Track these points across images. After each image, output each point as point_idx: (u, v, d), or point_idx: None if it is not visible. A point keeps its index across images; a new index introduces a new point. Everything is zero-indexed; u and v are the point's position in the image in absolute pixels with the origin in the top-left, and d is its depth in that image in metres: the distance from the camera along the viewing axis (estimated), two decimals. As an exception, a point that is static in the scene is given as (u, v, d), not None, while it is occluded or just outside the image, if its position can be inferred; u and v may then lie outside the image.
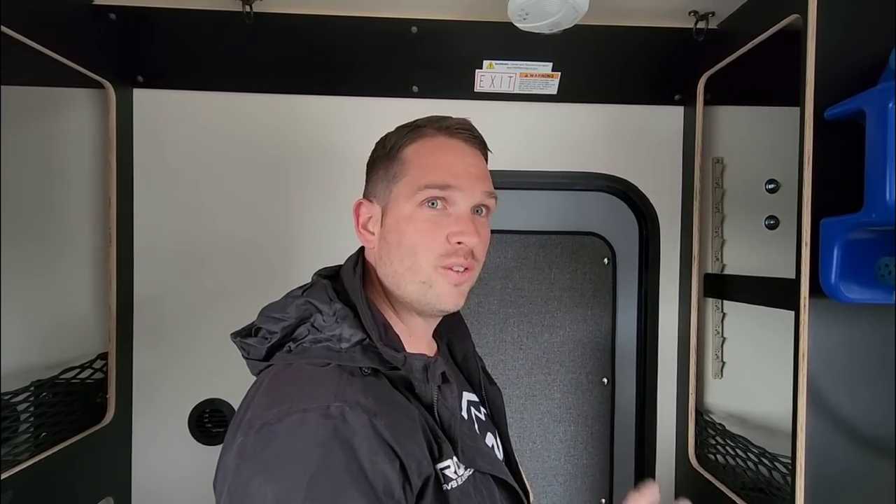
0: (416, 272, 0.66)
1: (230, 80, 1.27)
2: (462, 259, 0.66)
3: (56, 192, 1.26)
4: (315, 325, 0.63)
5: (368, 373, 0.61)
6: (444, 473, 0.60)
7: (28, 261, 1.25)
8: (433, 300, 0.67)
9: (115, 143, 1.21)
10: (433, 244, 0.66)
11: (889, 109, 0.72)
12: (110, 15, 1.15)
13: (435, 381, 0.62)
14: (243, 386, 1.35)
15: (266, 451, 0.52)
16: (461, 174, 0.67)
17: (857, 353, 0.86)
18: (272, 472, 0.51)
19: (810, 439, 0.86)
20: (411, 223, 0.66)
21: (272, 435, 0.53)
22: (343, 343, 0.62)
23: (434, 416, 0.62)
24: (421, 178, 0.66)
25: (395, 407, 0.59)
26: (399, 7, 1.16)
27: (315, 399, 0.55)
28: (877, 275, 0.76)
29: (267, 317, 0.66)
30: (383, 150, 0.72)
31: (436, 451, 0.60)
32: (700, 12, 1.16)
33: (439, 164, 0.67)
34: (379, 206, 0.70)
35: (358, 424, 0.54)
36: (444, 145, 0.69)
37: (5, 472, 0.96)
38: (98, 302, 1.26)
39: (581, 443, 1.40)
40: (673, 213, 1.34)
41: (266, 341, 0.65)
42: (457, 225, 0.66)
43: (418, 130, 0.70)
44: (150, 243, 1.29)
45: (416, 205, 0.66)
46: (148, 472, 1.30)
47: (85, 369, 1.21)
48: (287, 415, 0.54)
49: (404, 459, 0.55)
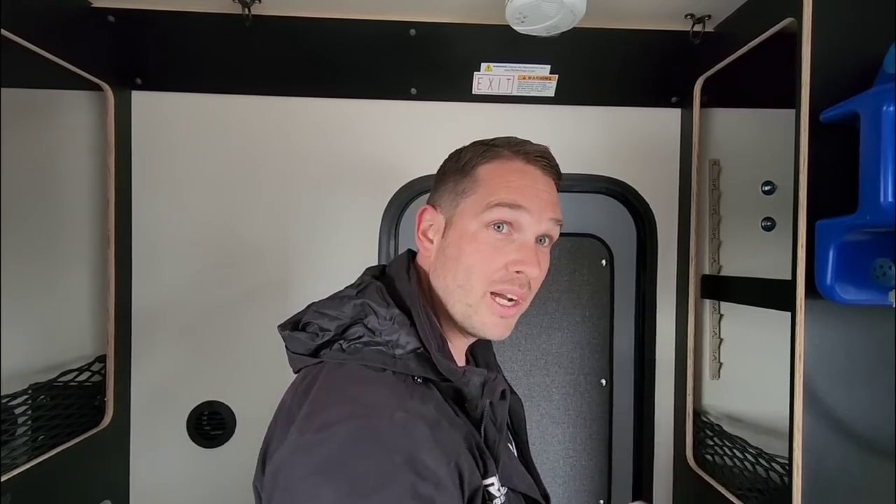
0: (467, 293, 0.66)
1: (229, 83, 1.28)
2: (517, 288, 0.65)
3: (55, 195, 1.26)
4: (369, 326, 0.62)
5: (420, 382, 0.61)
6: (489, 491, 0.59)
7: (27, 263, 1.25)
8: (477, 326, 0.66)
9: (114, 145, 1.21)
10: (490, 269, 0.65)
11: (883, 112, 0.73)
12: (109, 17, 1.15)
13: (492, 397, 0.61)
14: (243, 388, 1.35)
15: (326, 453, 0.51)
16: (532, 197, 0.65)
17: (853, 353, 0.87)
18: (331, 475, 0.50)
19: (807, 439, 0.86)
20: (473, 242, 0.65)
21: (333, 436, 0.52)
22: (398, 350, 0.61)
23: (480, 431, 0.61)
24: (491, 196, 0.65)
25: (450, 420, 0.59)
26: (397, 10, 1.17)
27: (378, 406, 0.54)
28: (872, 276, 0.77)
29: (320, 313, 0.64)
30: (456, 164, 0.70)
31: (481, 466, 0.59)
32: (696, 15, 1.17)
33: (512, 185, 0.66)
34: (443, 217, 0.69)
35: (421, 436, 0.53)
36: (520, 170, 0.67)
37: (4, 475, 0.95)
38: (96, 304, 1.26)
39: (580, 444, 1.40)
40: (670, 215, 1.35)
41: (317, 338, 0.63)
42: (519, 253, 0.65)
43: (495, 151, 0.68)
44: (149, 246, 1.29)
45: (483, 225, 0.65)
46: (146, 474, 1.30)
47: (83, 372, 1.21)
48: (350, 418, 0.53)
49: (461, 467, 0.55)
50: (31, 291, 1.25)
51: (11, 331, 1.21)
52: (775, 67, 1.00)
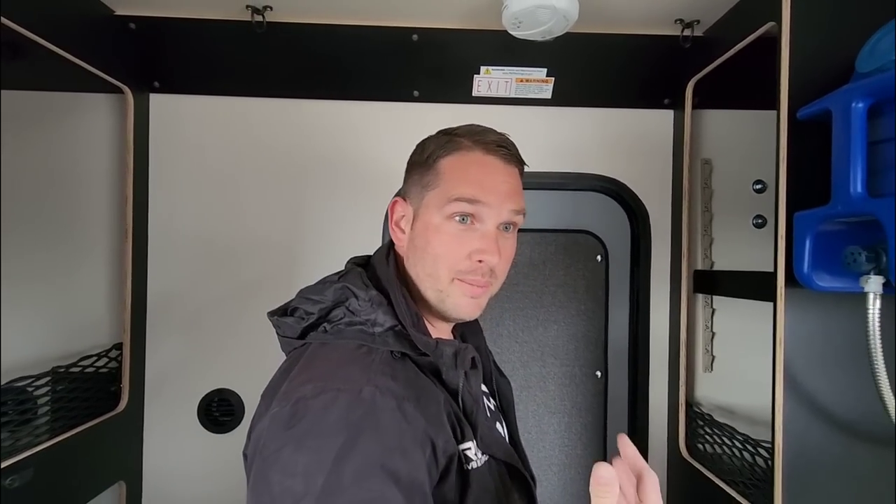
0: (435, 280, 0.70)
1: (241, 86, 1.35)
2: (479, 277, 0.69)
3: (77, 191, 1.34)
4: (350, 308, 0.66)
5: (398, 357, 0.65)
6: (466, 454, 0.63)
7: (49, 255, 1.32)
8: (450, 308, 0.71)
9: (133, 144, 1.28)
10: (454, 258, 0.69)
11: (852, 108, 0.77)
12: (130, 24, 1.23)
13: (464, 366, 0.65)
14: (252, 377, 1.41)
15: (299, 424, 0.55)
16: (491, 190, 0.68)
17: (831, 339, 0.91)
18: (303, 444, 0.54)
19: (787, 422, 0.90)
20: (438, 234, 0.69)
21: (306, 409, 0.56)
22: (377, 328, 0.65)
23: (458, 401, 0.65)
24: (451, 191, 0.68)
25: (422, 390, 0.62)
26: (401, 16, 1.23)
27: (349, 381, 0.58)
28: (844, 263, 0.81)
29: (304, 298, 0.69)
30: (420, 156, 0.74)
31: (458, 433, 0.63)
32: (686, 20, 1.23)
33: (471, 178, 0.68)
34: (412, 208, 0.73)
35: (387, 409, 0.56)
36: (479, 161, 0.70)
37: (28, 450, 1.02)
38: (114, 295, 1.33)
39: (575, 433, 1.44)
40: (663, 213, 1.40)
41: (303, 321, 0.68)
42: (481, 242, 0.68)
43: (456, 142, 0.71)
44: (164, 240, 1.35)
45: (445, 217, 0.69)
46: (158, 458, 1.35)
47: (101, 358, 1.27)
48: (321, 392, 0.57)
49: (433, 438, 0.58)
50: (54, 282, 1.32)
51: (35, 318, 1.28)
52: (761, 69, 1.04)
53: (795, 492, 0.90)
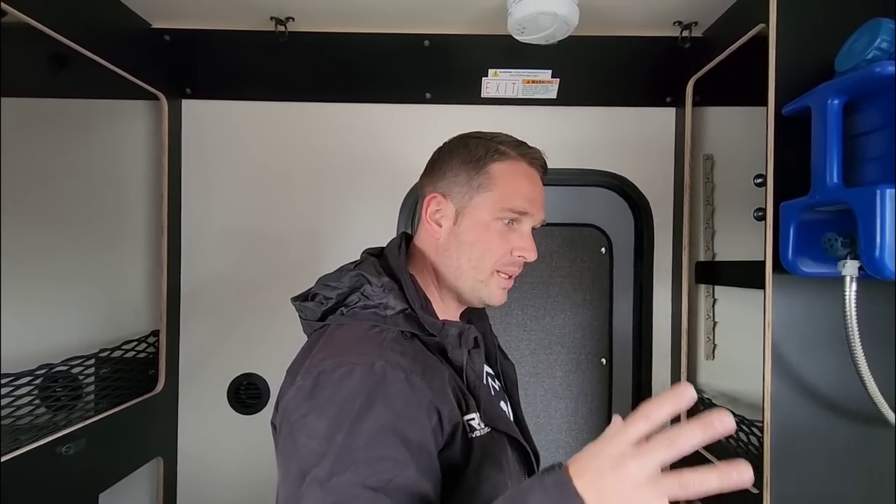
0: (479, 272, 0.78)
1: (266, 91, 1.45)
2: (515, 269, 0.80)
3: (117, 190, 1.46)
4: (365, 293, 0.74)
5: (408, 336, 0.72)
6: (470, 424, 0.70)
7: (94, 250, 1.44)
8: (485, 296, 0.80)
9: (167, 146, 1.39)
10: (499, 253, 0.78)
11: (828, 105, 0.83)
12: (165, 36, 1.34)
13: (468, 345, 0.72)
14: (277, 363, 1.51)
15: (321, 394, 0.63)
16: (534, 202, 0.79)
17: (816, 322, 0.96)
18: (324, 411, 0.62)
19: (775, 399, 0.96)
20: (487, 231, 0.77)
21: (326, 381, 0.64)
22: (388, 311, 0.73)
23: (462, 377, 0.73)
24: (506, 201, 0.77)
25: (428, 366, 0.69)
26: (413, 24, 1.32)
27: (363, 356, 0.65)
28: (822, 249, 0.86)
29: (324, 284, 0.77)
30: (468, 157, 0.79)
31: (463, 405, 0.70)
32: (684, 22, 1.28)
33: (522, 191, 0.78)
34: (454, 206, 0.79)
35: (397, 381, 0.63)
36: (526, 173, 0.80)
37: (79, 423, 1.13)
38: (152, 285, 1.45)
39: (581, 417, 1.51)
40: (666, 206, 1.45)
41: (322, 305, 0.76)
42: (521, 241, 0.79)
43: (502, 151, 0.79)
44: (196, 235, 1.46)
45: (494, 217, 0.78)
46: (192, 436, 1.47)
47: (140, 343, 1.39)
48: (339, 366, 0.64)
49: (438, 407, 0.65)
50: (99, 273, 1.45)
51: (83, 307, 1.40)
52: (756, 68, 1.10)
53: (782, 465, 0.95)
